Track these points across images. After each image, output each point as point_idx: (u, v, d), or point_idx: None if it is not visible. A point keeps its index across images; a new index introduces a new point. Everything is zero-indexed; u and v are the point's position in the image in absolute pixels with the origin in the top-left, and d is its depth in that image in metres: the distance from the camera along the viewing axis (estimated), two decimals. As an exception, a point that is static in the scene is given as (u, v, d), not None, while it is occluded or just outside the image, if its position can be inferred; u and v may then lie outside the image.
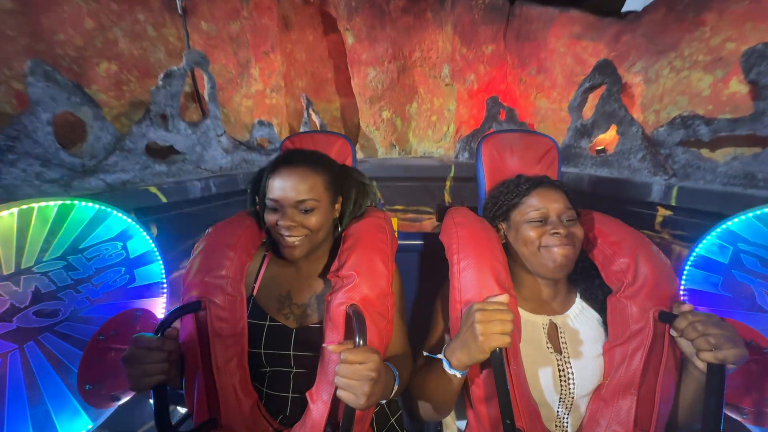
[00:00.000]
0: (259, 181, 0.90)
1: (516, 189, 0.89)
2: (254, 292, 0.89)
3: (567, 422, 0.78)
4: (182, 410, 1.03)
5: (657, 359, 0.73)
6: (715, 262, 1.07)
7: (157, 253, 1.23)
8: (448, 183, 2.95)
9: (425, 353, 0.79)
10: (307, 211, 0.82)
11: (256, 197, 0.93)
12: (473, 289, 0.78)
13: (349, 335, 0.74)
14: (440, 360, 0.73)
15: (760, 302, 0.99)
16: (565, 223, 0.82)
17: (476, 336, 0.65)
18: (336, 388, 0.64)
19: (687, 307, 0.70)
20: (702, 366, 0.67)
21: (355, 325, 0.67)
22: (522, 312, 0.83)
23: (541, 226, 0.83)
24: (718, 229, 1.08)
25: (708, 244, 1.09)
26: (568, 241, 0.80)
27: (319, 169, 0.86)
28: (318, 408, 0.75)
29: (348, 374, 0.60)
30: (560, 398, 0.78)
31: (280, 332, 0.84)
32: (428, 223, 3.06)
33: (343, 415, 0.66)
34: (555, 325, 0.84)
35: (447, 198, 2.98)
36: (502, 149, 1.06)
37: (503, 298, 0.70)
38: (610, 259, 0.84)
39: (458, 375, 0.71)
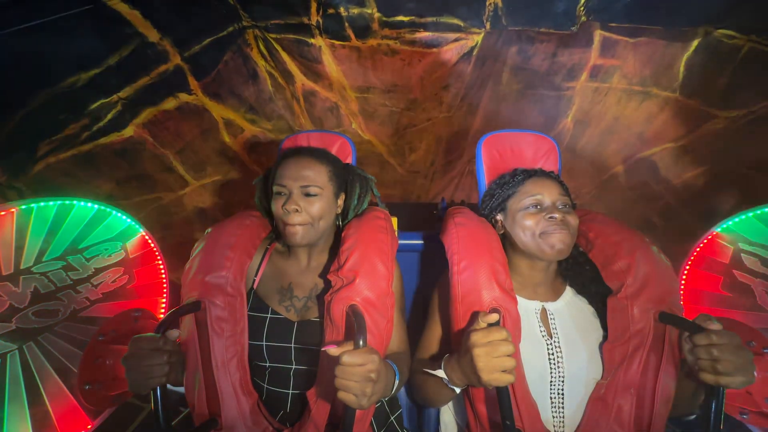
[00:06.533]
0: (267, 176, 0.94)
1: (512, 179, 0.91)
2: (255, 285, 0.90)
3: (563, 419, 0.78)
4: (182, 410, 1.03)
5: (656, 360, 0.73)
6: (715, 261, 1.07)
7: (157, 253, 1.23)
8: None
9: (426, 369, 0.78)
10: (310, 196, 0.84)
11: (263, 196, 0.96)
12: (473, 289, 0.78)
13: (349, 335, 0.74)
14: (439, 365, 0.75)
15: (761, 302, 0.99)
16: (560, 209, 0.83)
17: (476, 370, 0.64)
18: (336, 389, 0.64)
19: (716, 325, 0.64)
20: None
21: (355, 325, 0.67)
22: (517, 297, 0.84)
23: (537, 213, 0.83)
24: (719, 229, 1.07)
25: (708, 244, 1.09)
26: (564, 227, 0.81)
27: (324, 160, 0.89)
28: (318, 407, 0.75)
29: (348, 376, 0.60)
30: (551, 381, 0.79)
31: (281, 325, 0.85)
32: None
33: (344, 415, 0.66)
34: (546, 310, 0.86)
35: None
36: (502, 149, 1.06)
37: (493, 317, 0.68)
38: (610, 260, 0.84)
39: (457, 390, 0.75)
